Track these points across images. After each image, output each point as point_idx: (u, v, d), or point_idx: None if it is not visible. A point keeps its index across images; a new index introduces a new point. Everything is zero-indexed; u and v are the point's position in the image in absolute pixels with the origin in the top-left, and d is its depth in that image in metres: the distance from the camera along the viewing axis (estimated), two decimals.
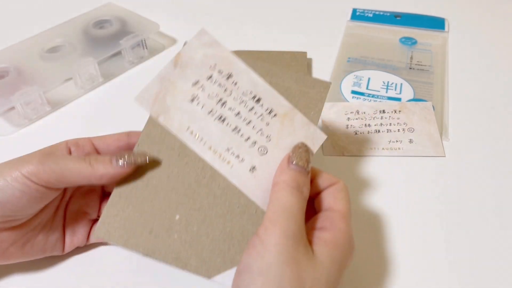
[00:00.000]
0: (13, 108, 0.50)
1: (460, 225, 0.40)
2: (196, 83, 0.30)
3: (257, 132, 0.30)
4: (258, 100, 0.31)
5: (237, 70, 0.31)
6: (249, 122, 0.30)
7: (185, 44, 0.55)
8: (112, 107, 0.53)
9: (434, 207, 0.41)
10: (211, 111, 0.30)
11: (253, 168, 0.29)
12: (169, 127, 0.30)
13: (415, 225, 0.40)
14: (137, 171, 0.31)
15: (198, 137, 0.30)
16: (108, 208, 0.31)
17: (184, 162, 0.31)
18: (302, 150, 0.30)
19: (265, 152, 0.30)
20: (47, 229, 0.34)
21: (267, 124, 0.30)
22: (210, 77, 0.30)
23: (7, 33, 0.65)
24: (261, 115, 0.30)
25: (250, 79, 0.31)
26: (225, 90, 0.30)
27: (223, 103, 0.30)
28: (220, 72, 0.31)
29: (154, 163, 0.31)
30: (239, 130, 0.30)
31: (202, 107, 0.30)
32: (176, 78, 0.30)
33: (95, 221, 0.37)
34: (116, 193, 0.31)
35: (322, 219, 0.29)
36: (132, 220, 0.30)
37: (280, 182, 0.28)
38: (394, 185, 0.43)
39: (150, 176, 0.31)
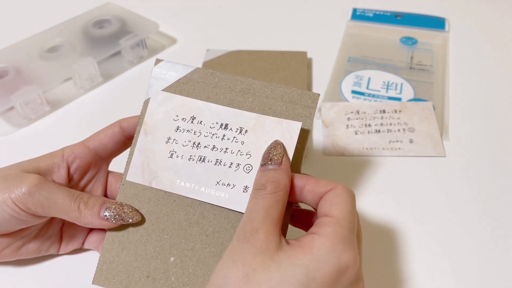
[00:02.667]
0: (12, 108, 0.50)
1: (460, 225, 0.39)
2: (168, 139, 0.32)
3: (237, 154, 0.31)
4: (226, 126, 0.31)
5: (197, 110, 0.32)
6: (226, 150, 0.31)
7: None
8: (112, 107, 0.53)
9: (434, 207, 0.41)
10: (190, 157, 0.31)
11: (245, 188, 0.30)
12: (163, 188, 0.31)
13: (415, 225, 0.39)
14: None
15: (189, 185, 0.31)
16: (103, 254, 0.31)
17: (172, 200, 0.31)
18: (267, 150, 0.29)
19: (251, 168, 0.30)
20: (42, 233, 0.34)
21: (243, 143, 0.31)
22: (178, 128, 0.32)
23: (7, 33, 0.65)
24: (234, 137, 0.31)
25: (211, 111, 0.32)
26: (195, 132, 0.32)
27: (198, 145, 0.31)
28: (184, 119, 0.32)
29: (142, 204, 0.31)
30: (221, 161, 0.31)
31: (182, 157, 0.31)
32: (151, 144, 0.32)
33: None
34: (109, 238, 0.31)
35: (314, 226, 0.27)
36: (129, 265, 0.30)
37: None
38: (394, 185, 0.43)
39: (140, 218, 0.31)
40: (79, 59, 0.54)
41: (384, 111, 0.50)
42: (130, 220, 0.31)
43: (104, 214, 0.30)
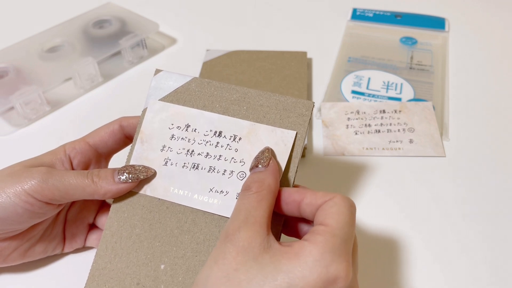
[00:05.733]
0: (12, 108, 0.50)
1: (460, 225, 0.40)
2: (163, 148, 0.32)
3: (230, 161, 0.31)
4: (220, 134, 0.32)
5: (191, 118, 0.33)
6: (219, 157, 0.31)
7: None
8: (112, 107, 0.53)
9: (434, 207, 0.41)
10: (184, 165, 0.32)
11: (238, 195, 0.30)
12: (157, 196, 0.31)
13: (415, 225, 0.39)
14: (121, 220, 0.31)
15: (182, 192, 0.31)
16: (96, 260, 0.31)
17: (165, 207, 0.31)
18: (256, 156, 0.30)
19: (244, 175, 0.30)
20: (47, 234, 0.35)
21: (236, 150, 0.31)
22: (173, 136, 0.32)
23: (7, 33, 0.65)
24: (227, 145, 0.31)
25: (205, 119, 0.32)
26: (189, 140, 0.32)
27: (192, 152, 0.32)
28: (179, 127, 0.32)
29: (135, 211, 0.31)
30: (214, 168, 0.31)
31: (176, 165, 0.32)
32: (146, 152, 0.32)
33: (92, 225, 0.37)
34: (103, 244, 0.31)
35: (308, 233, 0.26)
36: (120, 271, 0.30)
37: None
38: (394, 185, 0.43)
39: (133, 225, 0.31)
40: (79, 59, 0.54)
41: (384, 111, 0.50)
42: (145, 174, 0.31)
43: (119, 177, 0.31)
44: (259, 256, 0.24)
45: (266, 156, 0.29)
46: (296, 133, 0.31)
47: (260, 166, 0.29)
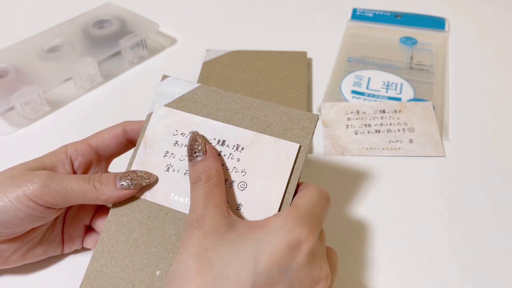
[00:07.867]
0: (12, 108, 0.50)
1: (460, 225, 0.40)
2: (166, 153, 0.32)
3: (232, 171, 0.31)
4: (223, 142, 0.32)
5: (195, 125, 0.33)
6: (221, 166, 0.31)
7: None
8: (112, 107, 0.53)
9: (434, 207, 0.41)
10: (186, 172, 0.32)
11: (239, 206, 0.30)
12: (157, 201, 0.31)
13: (415, 225, 0.39)
14: (119, 224, 0.31)
15: (182, 200, 0.31)
16: (92, 262, 0.31)
17: (164, 213, 0.31)
18: (189, 145, 0.30)
19: (245, 186, 0.31)
20: (47, 235, 0.35)
21: (238, 160, 0.31)
22: (176, 142, 0.32)
23: (7, 33, 0.65)
24: (230, 154, 0.32)
25: (209, 127, 0.32)
26: None
27: None
28: (183, 134, 0.33)
29: (134, 215, 0.31)
30: None
31: (178, 171, 0.32)
32: (149, 157, 0.32)
33: (88, 227, 0.37)
34: (99, 246, 0.31)
35: None
36: (115, 275, 0.30)
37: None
38: (394, 185, 0.43)
39: (131, 229, 0.31)
40: (79, 59, 0.54)
41: (384, 111, 0.50)
42: (147, 181, 0.31)
43: (121, 183, 0.31)
44: (226, 235, 0.26)
45: (201, 142, 0.30)
46: (300, 146, 0.31)
47: (197, 154, 0.29)
